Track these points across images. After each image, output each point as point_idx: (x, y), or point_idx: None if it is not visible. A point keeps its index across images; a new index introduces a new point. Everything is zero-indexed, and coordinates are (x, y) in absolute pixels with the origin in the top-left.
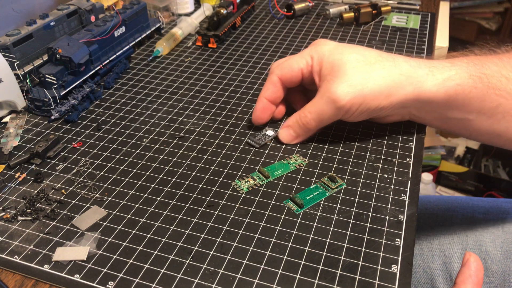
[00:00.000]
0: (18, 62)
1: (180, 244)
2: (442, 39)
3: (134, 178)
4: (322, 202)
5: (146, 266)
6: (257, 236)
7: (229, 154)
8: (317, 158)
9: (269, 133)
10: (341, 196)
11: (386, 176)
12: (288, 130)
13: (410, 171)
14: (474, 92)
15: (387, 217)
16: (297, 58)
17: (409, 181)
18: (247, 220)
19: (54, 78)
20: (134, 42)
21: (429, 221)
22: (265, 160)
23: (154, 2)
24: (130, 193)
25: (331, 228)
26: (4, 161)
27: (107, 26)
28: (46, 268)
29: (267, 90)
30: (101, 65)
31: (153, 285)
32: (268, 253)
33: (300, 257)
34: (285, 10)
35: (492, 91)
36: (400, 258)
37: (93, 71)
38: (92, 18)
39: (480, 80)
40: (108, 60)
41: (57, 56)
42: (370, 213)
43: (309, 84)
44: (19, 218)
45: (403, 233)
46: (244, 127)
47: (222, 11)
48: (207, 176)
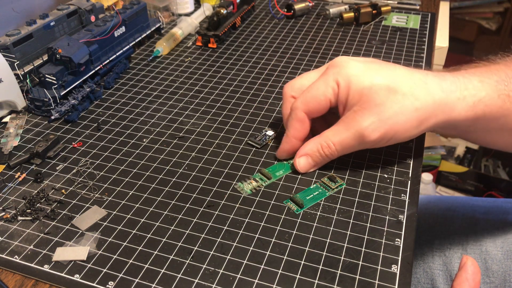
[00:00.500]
0: (18, 62)
1: (180, 244)
2: (442, 39)
3: (134, 178)
4: (322, 202)
5: (146, 266)
6: (257, 236)
7: (229, 154)
8: None
9: (269, 133)
10: (341, 196)
11: (386, 176)
12: (307, 159)
13: (410, 171)
14: (501, 112)
15: (387, 217)
16: (322, 87)
17: (409, 181)
18: (247, 220)
19: (54, 78)
20: (134, 42)
21: (429, 221)
22: (265, 160)
23: (154, 2)
24: (130, 193)
25: (331, 228)
26: (4, 161)
27: (107, 26)
28: (46, 268)
29: (296, 130)
30: (101, 65)
31: (153, 285)
32: (268, 253)
33: (300, 257)
34: (285, 10)
35: None
36: (400, 258)
37: (93, 71)
38: (92, 18)
39: (509, 99)
40: (108, 60)
41: (57, 56)
42: (370, 213)
43: (330, 111)
44: (19, 218)
45: (403, 233)
46: (244, 127)
47: (222, 11)
48: (207, 176)
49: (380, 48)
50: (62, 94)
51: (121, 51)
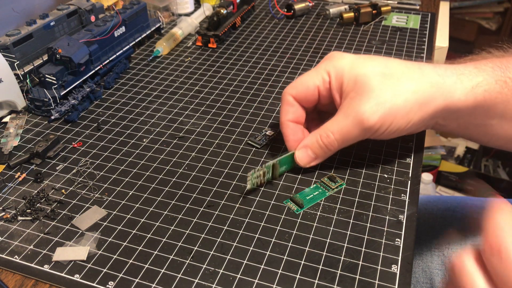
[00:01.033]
0: (18, 62)
1: (180, 244)
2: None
3: (134, 178)
4: (322, 202)
5: (146, 266)
6: (257, 236)
7: (229, 154)
8: None
9: (269, 134)
10: (341, 196)
11: (386, 176)
12: (306, 151)
13: (410, 171)
14: (500, 98)
15: (387, 217)
16: (312, 74)
17: (409, 181)
18: (247, 220)
19: (54, 78)
20: (134, 42)
21: (429, 221)
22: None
23: (154, 2)
24: (130, 193)
25: (331, 228)
26: (4, 161)
27: (107, 26)
28: (46, 268)
29: (287, 113)
30: (101, 65)
31: (153, 285)
32: (268, 253)
33: (300, 257)
34: (285, 10)
35: None
36: (400, 258)
37: (93, 71)
38: (92, 18)
39: (506, 85)
40: (108, 60)
41: (57, 56)
42: (370, 213)
43: (325, 105)
44: (19, 218)
45: (403, 233)
46: (244, 127)
47: (222, 11)
48: (207, 176)
49: (380, 48)
50: (62, 94)
51: (121, 51)
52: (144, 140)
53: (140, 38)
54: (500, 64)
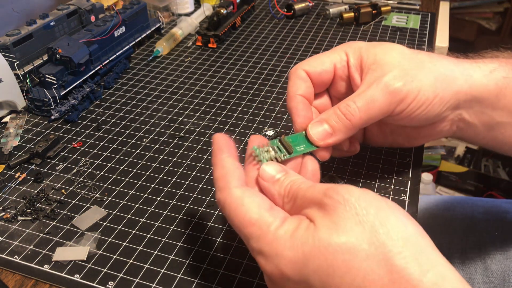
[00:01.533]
0: (18, 62)
1: (180, 244)
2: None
3: (134, 178)
4: None
5: (146, 266)
6: None
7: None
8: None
9: (269, 133)
10: None
11: (386, 176)
12: (322, 125)
13: (410, 171)
14: None
15: None
16: (328, 53)
17: (409, 181)
18: None
19: (54, 78)
20: (134, 42)
21: (429, 221)
22: None
23: (154, 2)
24: (130, 193)
25: None
26: (4, 161)
27: (107, 26)
28: (46, 268)
29: (298, 87)
30: (101, 65)
31: (153, 285)
32: None
33: None
34: (285, 10)
35: None
36: None
37: (93, 71)
38: (92, 18)
39: None
40: (108, 60)
41: (57, 56)
42: None
43: (338, 91)
44: (19, 218)
45: None
46: (244, 127)
47: (222, 11)
48: (207, 176)
49: None
50: (62, 94)
51: (121, 51)
52: (144, 140)
53: (140, 38)
54: (506, 61)
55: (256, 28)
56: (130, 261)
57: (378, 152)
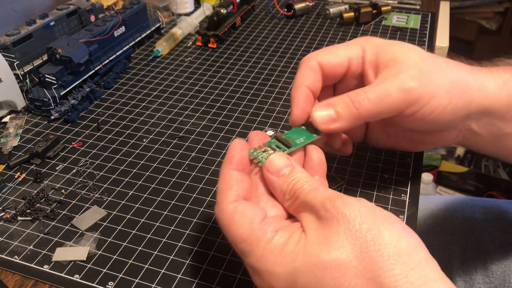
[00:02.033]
0: (18, 62)
1: (180, 244)
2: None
3: (134, 178)
4: None
5: (146, 266)
6: None
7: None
8: None
9: (269, 133)
10: None
11: (386, 176)
12: (327, 110)
13: (410, 171)
14: None
15: None
16: (343, 46)
17: (409, 181)
18: None
19: (54, 78)
20: (134, 42)
21: (429, 221)
22: None
23: (154, 2)
24: (130, 193)
25: None
26: (4, 161)
27: (107, 26)
28: (46, 268)
29: (307, 77)
30: (101, 65)
31: (153, 285)
32: None
33: None
34: (285, 10)
35: None
36: None
37: (93, 71)
38: (92, 18)
39: None
40: (108, 60)
41: (57, 56)
42: None
43: (348, 86)
44: (19, 218)
45: None
46: (244, 127)
47: (222, 11)
48: (207, 176)
49: None
50: (62, 94)
51: (121, 51)
52: (144, 140)
53: (140, 38)
54: None
55: (256, 28)
56: (130, 261)
57: (378, 152)
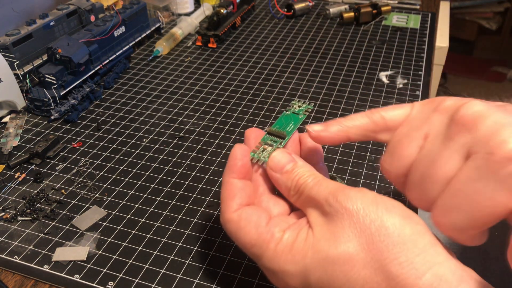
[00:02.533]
0: (18, 62)
1: (180, 244)
2: (443, 39)
3: (134, 178)
4: None
5: (146, 266)
6: None
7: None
8: None
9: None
10: None
11: None
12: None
13: None
14: None
15: None
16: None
17: None
18: None
19: (54, 78)
20: (134, 42)
21: (429, 221)
22: None
23: (154, 2)
24: (130, 193)
25: None
26: (4, 161)
27: (107, 26)
28: (46, 268)
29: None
30: (101, 65)
31: (153, 285)
32: None
33: None
34: (285, 10)
35: None
36: None
37: (93, 71)
38: (92, 18)
39: None
40: (108, 60)
41: (57, 56)
42: None
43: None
44: (19, 218)
45: None
46: (244, 127)
47: (222, 11)
48: (207, 176)
49: (380, 48)
50: (62, 94)
51: (121, 51)
52: (144, 140)
53: (140, 38)
54: None
55: (256, 28)
56: (130, 261)
57: (378, 152)
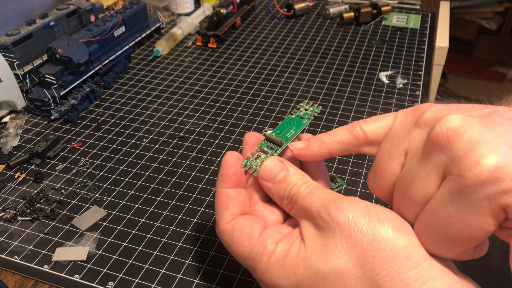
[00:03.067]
0: (18, 62)
1: (180, 244)
2: (442, 39)
3: (134, 178)
4: None
5: (146, 266)
6: None
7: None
8: None
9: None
10: None
11: None
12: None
13: None
14: None
15: None
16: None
17: None
18: None
19: (54, 78)
20: (134, 42)
21: None
22: None
23: (154, 2)
24: (130, 193)
25: None
26: (4, 161)
27: (107, 26)
28: (46, 268)
29: (337, 134)
30: (101, 65)
31: (153, 285)
32: None
33: None
34: (285, 10)
35: None
36: None
37: (93, 71)
38: (92, 18)
39: None
40: (108, 60)
41: (57, 56)
42: None
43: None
44: (19, 218)
45: None
46: (244, 127)
47: (222, 11)
48: (207, 176)
49: (380, 48)
50: (62, 94)
51: (121, 51)
52: (144, 140)
53: (140, 38)
54: None
55: (256, 28)
56: (130, 261)
57: None
